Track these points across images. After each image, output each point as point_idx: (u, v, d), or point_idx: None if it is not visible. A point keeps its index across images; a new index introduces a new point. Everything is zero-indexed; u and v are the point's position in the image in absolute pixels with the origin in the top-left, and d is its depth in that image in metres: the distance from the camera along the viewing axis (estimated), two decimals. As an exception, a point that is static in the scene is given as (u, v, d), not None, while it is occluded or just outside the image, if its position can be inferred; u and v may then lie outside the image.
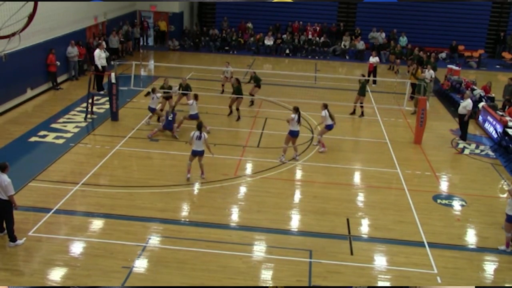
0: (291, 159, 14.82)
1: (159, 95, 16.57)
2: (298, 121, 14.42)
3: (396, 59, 27.10)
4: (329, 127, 15.40)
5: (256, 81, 19.36)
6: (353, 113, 19.13)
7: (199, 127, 12.96)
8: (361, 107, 19.08)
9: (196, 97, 16.09)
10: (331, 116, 15.24)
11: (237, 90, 17.88)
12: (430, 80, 20.76)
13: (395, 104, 20.67)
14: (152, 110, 16.58)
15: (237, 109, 18.02)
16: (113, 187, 12.81)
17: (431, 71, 21.22)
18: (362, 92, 18.85)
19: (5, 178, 9.71)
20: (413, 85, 20.24)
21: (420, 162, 15.28)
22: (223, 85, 20.95)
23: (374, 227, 11.47)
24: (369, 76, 23.86)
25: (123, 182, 13.07)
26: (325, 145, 15.56)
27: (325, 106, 15.29)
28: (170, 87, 17.69)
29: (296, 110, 14.44)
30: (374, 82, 23.76)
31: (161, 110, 17.28)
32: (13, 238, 10.03)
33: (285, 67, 27.68)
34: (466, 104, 16.85)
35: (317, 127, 17.40)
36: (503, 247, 10.72)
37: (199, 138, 12.85)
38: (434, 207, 12.56)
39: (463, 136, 17.17)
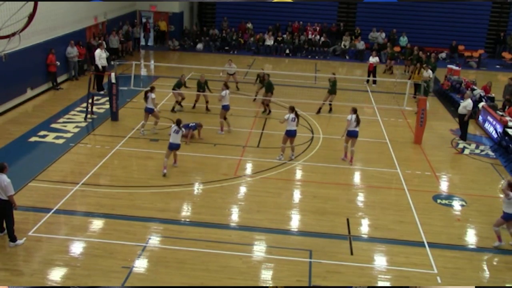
0: (289, 159, 14.82)
1: (153, 95, 15.83)
2: (294, 120, 14.33)
3: (390, 60, 26.96)
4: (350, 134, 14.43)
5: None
6: (319, 112, 19.17)
7: (178, 123, 13.40)
8: (330, 105, 19.32)
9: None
10: (357, 121, 14.27)
11: (268, 86, 18.48)
12: (429, 79, 20.89)
13: (395, 104, 20.67)
14: (150, 110, 16.00)
15: (267, 105, 18.69)
16: (113, 187, 12.81)
17: (429, 71, 21.30)
18: (333, 90, 19.04)
19: (4, 178, 9.72)
20: (415, 85, 20.32)
21: (420, 162, 15.28)
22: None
23: (374, 227, 11.47)
24: (369, 76, 23.98)
25: (123, 182, 13.07)
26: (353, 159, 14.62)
27: (354, 111, 14.33)
28: (185, 83, 18.00)
29: (292, 109, 14.41)
30: (374, 82, 23.83)
31: (176, 101, 18.13)
32: (13, 238, 10.03)
33: (285, 67, 27.67)
34: (466, 104, 16.85)
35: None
36: (497, 243, 10.76)
37: (177, 132, 13.29)
38: (434, 207, 12.56)
39: (463, 136, 17.17)
